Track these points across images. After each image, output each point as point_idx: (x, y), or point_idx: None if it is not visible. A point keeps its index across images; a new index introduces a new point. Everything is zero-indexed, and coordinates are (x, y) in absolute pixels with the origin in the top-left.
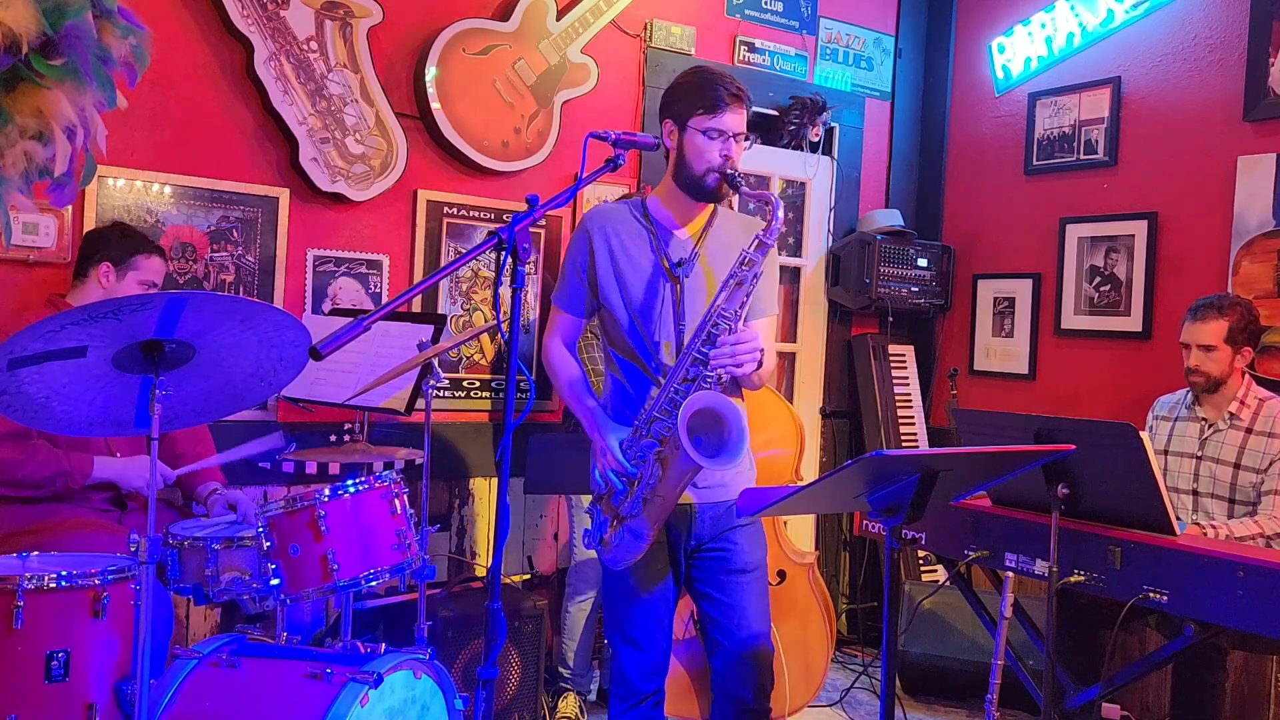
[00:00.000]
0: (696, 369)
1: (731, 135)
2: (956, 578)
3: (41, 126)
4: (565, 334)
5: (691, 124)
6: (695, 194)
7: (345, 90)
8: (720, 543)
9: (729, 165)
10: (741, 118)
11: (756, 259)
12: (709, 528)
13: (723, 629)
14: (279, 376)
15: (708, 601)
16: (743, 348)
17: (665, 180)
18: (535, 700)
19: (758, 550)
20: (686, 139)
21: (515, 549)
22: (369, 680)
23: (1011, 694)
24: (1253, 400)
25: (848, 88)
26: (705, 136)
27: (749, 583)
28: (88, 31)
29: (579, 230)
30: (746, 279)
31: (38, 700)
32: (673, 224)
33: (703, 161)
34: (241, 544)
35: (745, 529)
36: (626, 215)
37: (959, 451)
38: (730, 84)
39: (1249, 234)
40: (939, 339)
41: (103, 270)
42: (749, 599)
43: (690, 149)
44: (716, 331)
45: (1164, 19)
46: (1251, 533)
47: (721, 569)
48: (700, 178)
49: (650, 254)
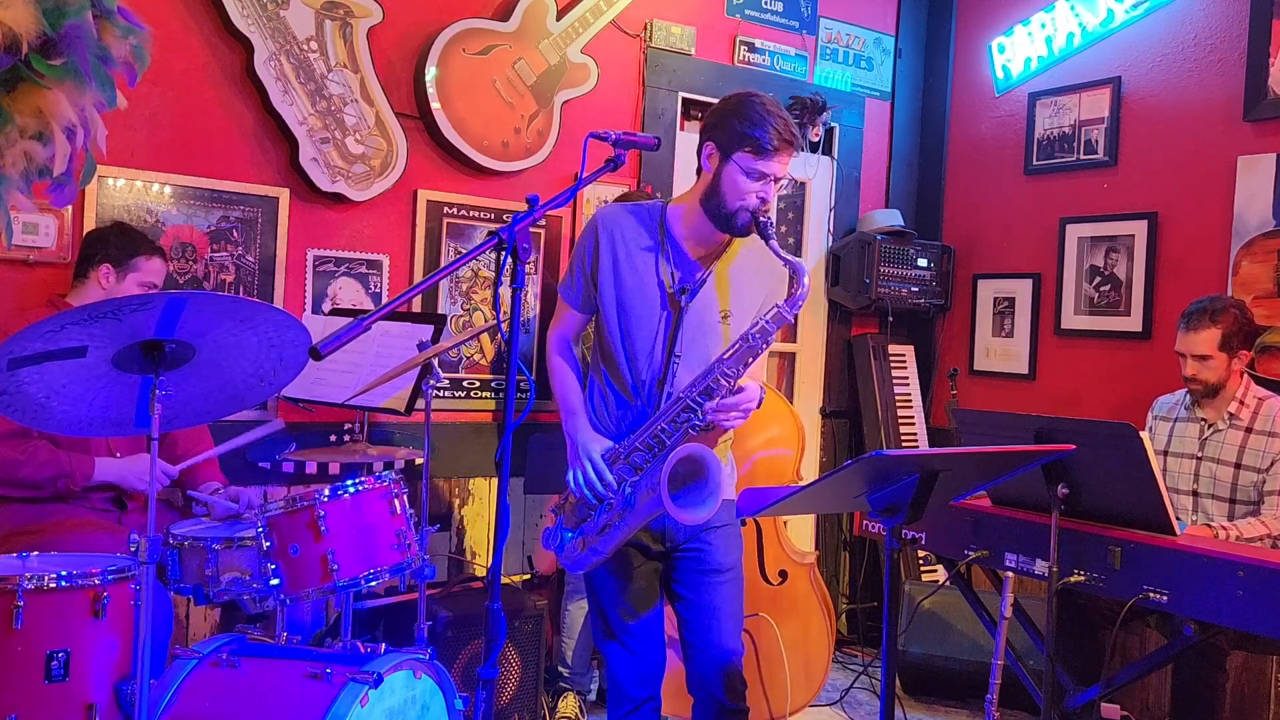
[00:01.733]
0: (687, 415)
1: (773, 178)
2: (956, 578)
3: (41, 126)
4: (569, 328)
5: (735, 158)
6: (721, 226)
7: (345, 90)
8: (695, 543)
9: (763, 211)
10: (787, 163)
11: (771, 329)
12: (684, 529)
13: (695, 630)
14: (279, 376)
15: (681, 603)
16: (740, 408)
17: (692, 198)
18: (535, 700)
19: (733, 552)
20: (726, 171)
21: (515, 549)
22: (369, 680)
23: (1011, 694)
24: (1252, 400)
25: (848, 88)
26: (746, 176)
27: (722, 583)
28: (88, 31)
29: (589, 227)
30: (759, 347)
31: (38, 700)
32: (688, 245)
33: (737, 199)
34: (241, 544)
35: (720, 530)
36: (641, 223)
37: (959, 451)
38: (784, 128)
39: (1249, 234)
40: (939, 339)
41: (103, 271)
42: (722, 600)
43: (727, 182)
44: (716, 388)
45: (1164, 19)
46: (1259, 534)
47: (695, 569)
48: (732, 214)
49: (655, 272)
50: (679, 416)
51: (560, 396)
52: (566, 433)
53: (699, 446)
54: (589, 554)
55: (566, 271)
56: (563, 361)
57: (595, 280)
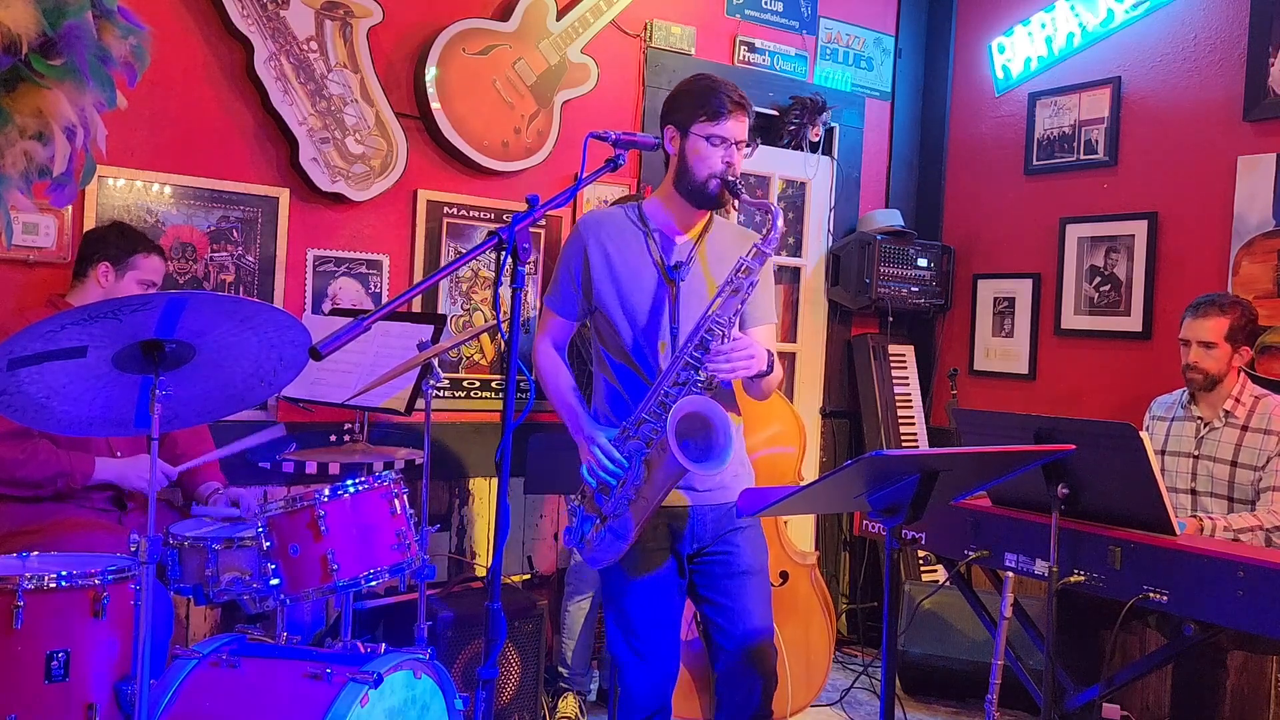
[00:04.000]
0: (688, 373)
1: (734, 142)
2: (956, 578)
3: (41, 126)
4: (555, 336)
5: (694, 130)
6: (696, 201)
7: (345, 90)
8: (721, 545)
9: (730, 172)
10: (743, 125)
11: (754, 267)
12: (709, 531)
13: (726, 633)
14: (279, 376)
15: (710, 606)
16: (739, 353)
17: (665, 186)
18: (535, 700)
19: (759, 553)
20: (688, 145)
21: (515, 549)
22: (369, 680)
23: (1011, 694)
24: (1248, 398)
25: (848, 88)
26: (707, 143)
27: (751, 585)
28: (87, 31)
29: (573, 235)
30: (743, 286)
31: (37, 700)
32: (671, 229)
33: (705, 167)
34: (241, 544)
35: (745, 531)
36: (622, 220)
37: (959, 451)
38: (733, 91)
39: (1249, 234)
40: (939, 339)
41: (101, 270)
42: (752, 601)
43: (692, 155)
44: (710, 338)
45: (1164, 19)
46: (1250, 525)
47: (724, 573)
48: (703, 184)
49: (647, 258)
50: (680, 375)
51: (558, 398)
52: (571, 432)
53: (702, 399)
54: (612, 540)
55: (551, 282)
56: (554, 366)
57: (590, 283)
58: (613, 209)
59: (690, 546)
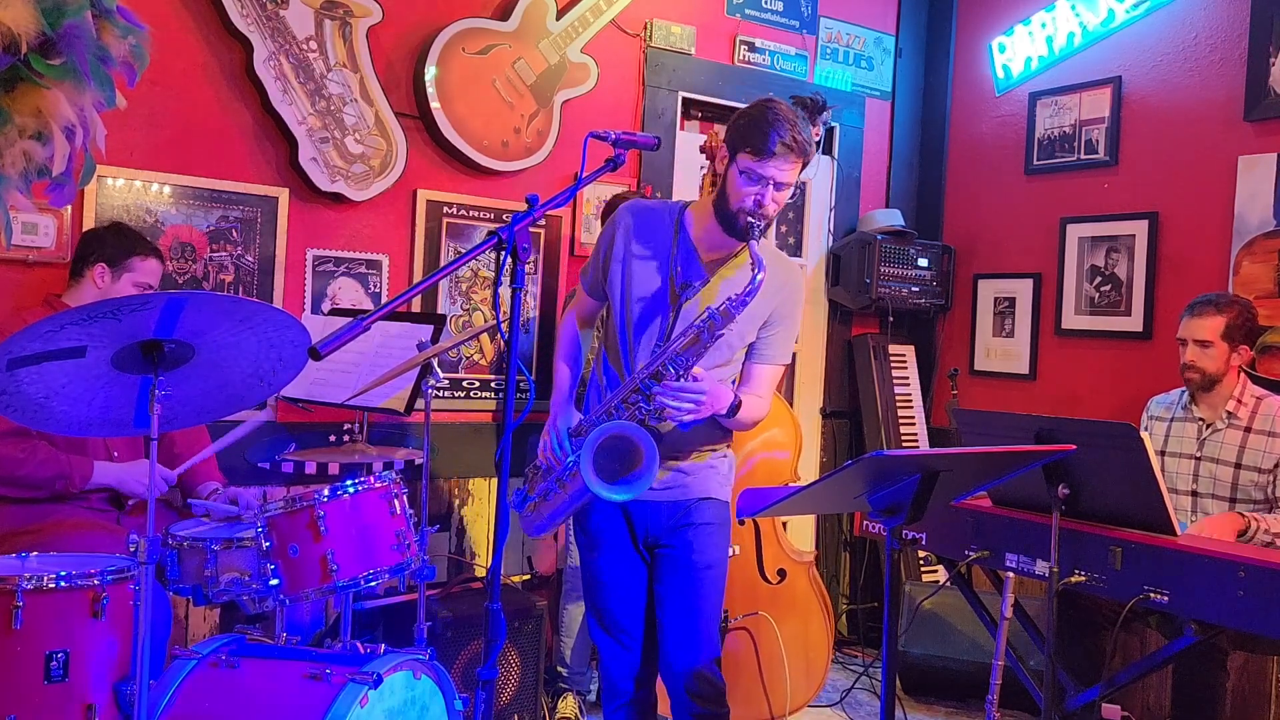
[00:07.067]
0: (635, 397)
1: (772, 182)
2: (957, 578)
3: (40, 126)
4: (582, 313)
5: (738, 159)
6: (725, 227)
7: (345, 90)
8: (674, 539)
9: (760, 213)
10: (790, 169)
11: (718, 323)
12: (664, 524)
13: (670, 627)
14: (278, 376)
15: (659, 599)
16: (688, 394)
17: (706, 200)
18: (535, 701)
19: (713, 550)
20: (730, 172)
21: (515, 549)
22: (368, 681)
23: (1012, 694)
24: (1250, 399)
25: (848, 87)
26: (745, 177)
27: (701, 581)
28: (87, 31)
29: (614, 217)
30: (704, 337)
31: (37, 700)
32: (701, 248)
33: (736, 199)
34: (241, 544)
35: (701, 528)
36: (660, 219)
37: (959, 452)
38: (788, 132)
39: (1249, 234)
40: (939, 339)
41: (98, 271)
42: (699, 597)
43: (730, 183)
44: (664, 373)
45: (1164, 18)
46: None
47: (672, 566)
48: (733, 215)
49: (664, 268)
50: (629, 398)
51: (556, 371)
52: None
53: (634, 426)
54: (538, 519)
55: (590, 257)
56: (568, 339)
57: (607, 267)
58: (657, 204)
59: (644, 538)
